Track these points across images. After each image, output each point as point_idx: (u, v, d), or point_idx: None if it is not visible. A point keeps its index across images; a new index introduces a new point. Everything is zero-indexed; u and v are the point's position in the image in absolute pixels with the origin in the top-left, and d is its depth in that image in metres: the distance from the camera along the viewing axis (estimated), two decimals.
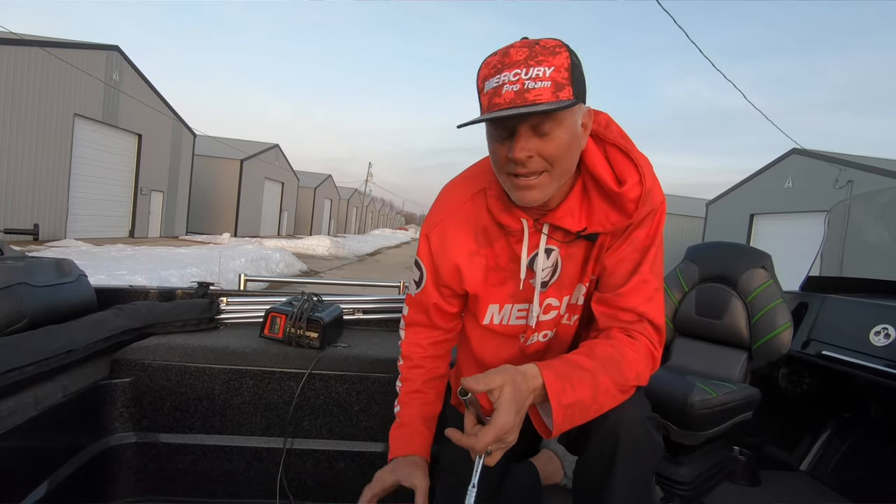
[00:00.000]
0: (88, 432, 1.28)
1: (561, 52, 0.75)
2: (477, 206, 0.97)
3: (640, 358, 0.86)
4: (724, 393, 1.34)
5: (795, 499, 1.68)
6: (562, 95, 0.74)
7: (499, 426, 0.72)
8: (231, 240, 18.67)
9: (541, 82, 0.73)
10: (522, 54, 0.74)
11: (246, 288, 1.85)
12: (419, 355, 1.08)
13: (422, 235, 1.03)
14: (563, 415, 0.77)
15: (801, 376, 1.94)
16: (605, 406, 0.82)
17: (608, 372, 0.82)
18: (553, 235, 0.93)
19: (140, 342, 1.40)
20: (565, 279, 0.96)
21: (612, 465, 0.84)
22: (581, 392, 0.79)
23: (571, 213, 0.90)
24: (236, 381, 1.40)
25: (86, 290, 1.43)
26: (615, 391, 0.82)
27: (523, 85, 0.73)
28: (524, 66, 0.74)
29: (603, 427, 0.85)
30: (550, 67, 0.74)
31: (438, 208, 1.02)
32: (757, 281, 1.60)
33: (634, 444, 0.84)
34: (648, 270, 0.90)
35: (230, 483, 1.40)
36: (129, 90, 16.01)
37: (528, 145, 0.78)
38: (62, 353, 1.15)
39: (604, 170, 0.87)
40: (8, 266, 1.19)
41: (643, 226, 0.90)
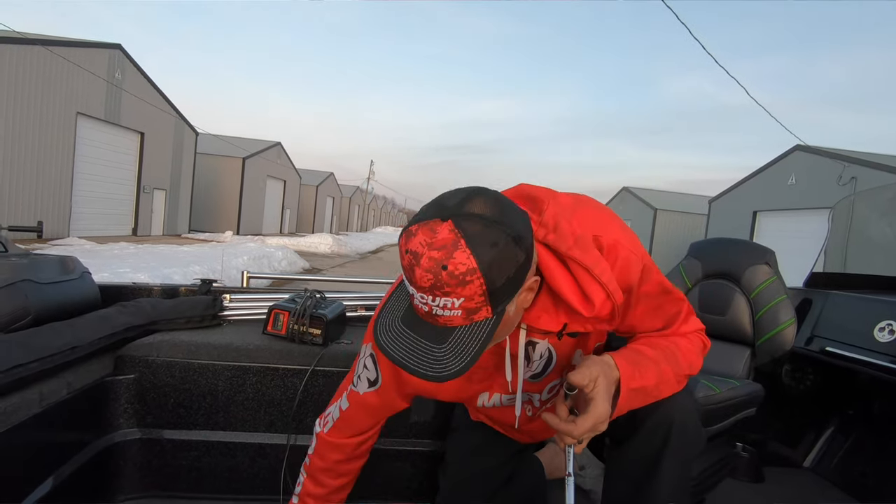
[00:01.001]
0: (93, 429, 1.29)
1: (472, 282, 0.63)
2: None
3: (693, 348, 0.88)
4: (728, 389, 1.33)
5: (799, 495, 1.68)
6: (476, 317, 0.67)
7: (597, 415, 0.75)
8: (233, 238, 18.71)
9: (449, 311, 0.65)
10: (427, 281, 0.63)
11: (249, 285, 1.85)
12: (334, 459, 1.04)
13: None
14: (626, 399, 0.79)
15: (804, 373, 1.94)
16: (663, 393, 0.84)
17: (668, 361, 0.84)
18: (534, 332, 0.87)
19: (144, 339, 1.41)
20: (563, 361, 0.93)
21: (662, 449, 0.85)
22: (647, 379, 0.81)
23: (546, 311, 0.81)
24: (240, 378, 1.40)
25: (90, 287, 1.43)
26: (674, 380, 0.85)
27: (432, 310, 0.66)
28: (430, 293, 0.65)
29: (656, 413, 0.86)
30: (459, 299, 0.64)
31: None
32: (760, 277, 1.59)
33: (685, 432, 0.86)
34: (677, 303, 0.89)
35: (234, 479, 1.41)
36: (131, 88, 16.02)
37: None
38: (66, 349, 1.16)
39: (569, 290, 0.77)
40: (12, 263, 1.20)
41: (644, 282, 0.84)
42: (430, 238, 0.64)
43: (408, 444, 1.46)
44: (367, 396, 0.97)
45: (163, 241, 15.12)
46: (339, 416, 1.02)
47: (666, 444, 0.85)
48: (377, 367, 0.96)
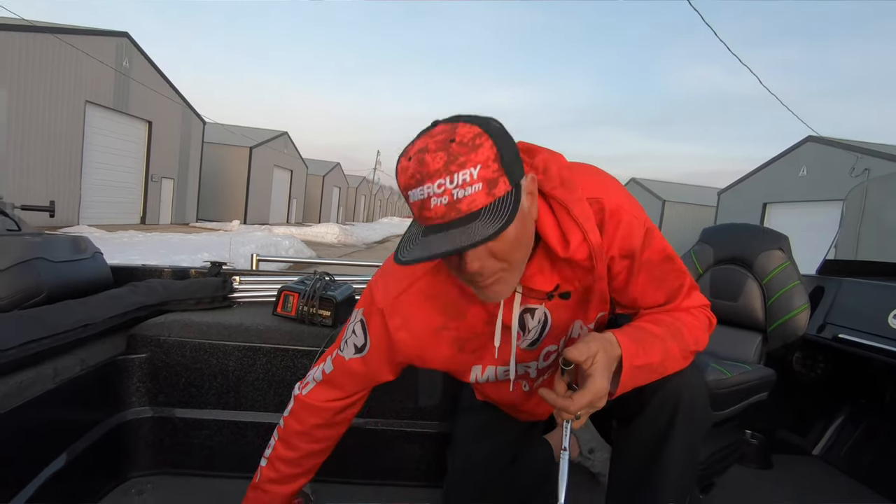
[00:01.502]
0: (106, 406, 1.30)
1: (483, 144, 0.64)
2: (438, 278, 0.86)
3: (698, 324, 0.87)
4: (739, 373, 1.32)
5: (807, 483, 1.68)
6: (497, 192, 0.65)
7: (594, 391, 0.74)
8: (241, 227, 18.80)
9: (470, 187, 0.64)
10: (440, 160, 0.63)
11: (258, 268, 1.86)
12: (312, 423, 1.00)
13: (374, 310, 0.90)
14: (630, 375, 0.78)
15: (815, 360, 1.92)
16: (668, 370, 0.83)
17: (674, 338, 0.83)
18: (530, 295, 0.86)
19: (155, 319, 1.42)
20: (559, 327, 0.91)
21: (671, 426, 0.84)
22: (652, 356, 0.80)
23: (541, 271, 0.82)
24: (250, 358, 1.41)
25: (101, 267, 1.44)
26: (679, 357, 0.84)
27: (452, 195, 0.64)
28: (445, 173, 0.63)
29: (664, 389, 0.85)
30: (476, 166, 0.63)
31: (393, 281, 0.89)
32: (774, 262, 1.58)
33: (693, 409, 0.85)
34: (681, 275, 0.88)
35: (245, 458, 1.42)
36: (138, 77, 16.05)
37: (477, 254, 0.69)
38: (79, 327, 1.17)
39: (551, 230, 0.78)
40: (26, 241, 1.21)
41: (647, 248, 0.83)
42: (428, 134, 0.67)
43: (416, 425, 1.46)
44: (353, 362, 0.95)
45: (171, 230, 15.23)
46: (321, 378, 0.99)
47: (673, 422, 0.83)
48: (366, 333, 0.92)
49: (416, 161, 0.65)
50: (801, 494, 1.59)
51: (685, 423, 0.84)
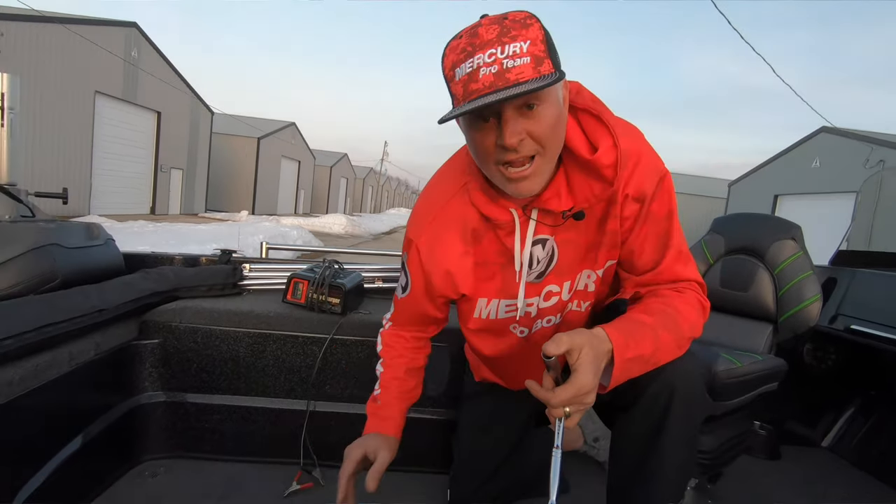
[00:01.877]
0: (120, 390, 1.33)
1: (533, 24, 0.70)
2: (461, 204, 0.92)
3: (691, 310, 0.86)
4: (750, 363, 1.32)
5: (816, 473, 1.67)
6: (543, 70, 0.69)
7: (577, 385, 0.72)
8: (249, 217, 18.90)
9: (520, 59, 0.68)
10: (493, 32, 0.69)
11: (267, 256, 1.87)
12: (402, 346, 1.09)
13: (407, 241, 0.99)
14: (622, 369, 0.77)
15: (826, 352, 1.91)
16: (661, 360, 0.82)
17: (666, 327, 0.81)
18: (544, 221, 0.89)
19: (167, 305, 1.43)
20: (564, 265, 0.93)
21: (665, 417, 0.83)
22: (643, 347, 0.78)
23: (558, 194, 0.85)
24: (260, 345, 1.43)
25: (114, 253, 1.46)
26: (673, 346, 0.82)
27: (502, 65, 0.68)
28: (498, 44, 0.68)
29: (658, 380, 0.84)
30: (526, 41, 0.69)
31: (422, 212, 0.97)
32: (786, 252, 1.56)
33: (689, 398, 0.84)
34: (678, 238, 0.88)
35: (255, 443, 1.44)
36: (147, 67, 16.08)
37: (517, 128, 0.73)
38: (94, 312, 1.18)
39: (578, 139, 0.83)
40: (41, 227, 1.22)
41: (656, 199, 0.87)
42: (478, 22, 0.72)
43: (423, 412, 1.47)
44: (404, 301, 1.04)
45: (180, 220, 15.34)
46: (389, 318, 1.12)
47: (668, 413, 0.83)
48: (406, 270, 1.01)
49: (469, 35, 0.71)
50: (809, 485, 1.59)
51: (680, 414, 0.83)
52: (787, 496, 1.52)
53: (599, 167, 0.81)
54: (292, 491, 1.30)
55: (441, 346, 1.41)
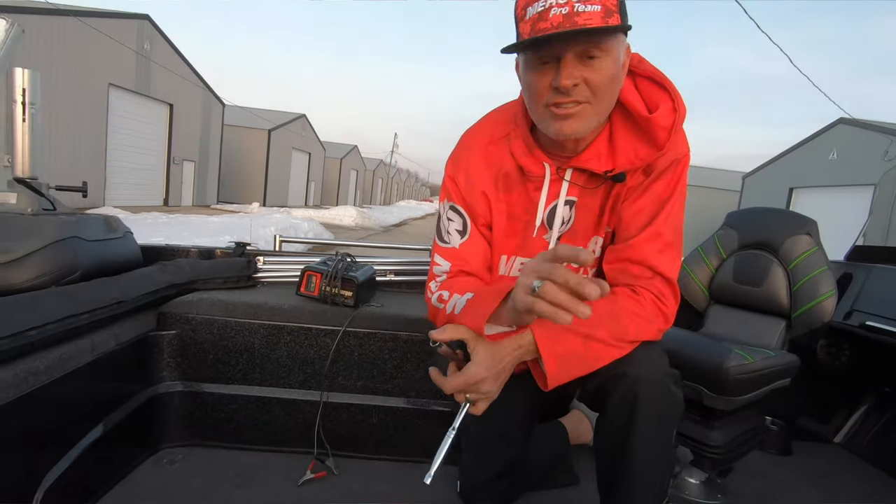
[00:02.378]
0: (139, 380, 1.36)
1: None
2: (500, 150, 0.94)
3: (641, 313, 0.84)
4: (762, 359, 1.31)
5: (827, 469, 1.67)
6: (611, 21, 0.72)
7: (467, 374, 0.75)
8: (260, 209, 19.03)
9: (591, 5, 0.71)
10: None
11: (280, 249, 1.89)
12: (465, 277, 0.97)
13: (447, 178, 0.98)
14: (556, 365, 0.79)
15: (840, 348, 1.89)
16: (603, 357, 0.82)
17: (604, 324, 0.81)
18: (575, 181, 0.90)
19: (184, 297, 1.46)
20: (579, 230, 0.94)
21: (631, 423, 0.84)
22: (573, 343, 0.79)
23: (598, 155, 0.87)
24: (275, 336, 1.45)
25: (132, 246, 1.49)
26: (613, 342, 0.82)
27: (573, 7, 0.71)
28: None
29: (621, 385, 0.84)
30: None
31: (464, 149, 0.98)
32: (801, 248, 1.54)
33: (654, 402, 0.84)
34: (663, 223, 0.87)
35: (270, 432, 1.47)
36: (159, 59, 16.19)
37: (574, 72, 0.75)
38: (113, 303, 1.21)
39: (633, 98, 0.84)
40: (62, 220, 1.25)
41: (664, 177, 0.88)
42: None
43: (433, 404, 1.49)
44: (465, 245, 0.96)
45: (193, 212, 15.50)
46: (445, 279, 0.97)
47: (633, 419, 0.83)
48: (455, 207, 0.96)
49: None
50: (820, 481, 1.58)
51: (646, 417, 0.83)
52: (798, 492, 1.52)
53: (655, 127, 0.82)
54: (306, 480, 1.32)
55: None
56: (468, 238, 0.96)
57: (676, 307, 0.90)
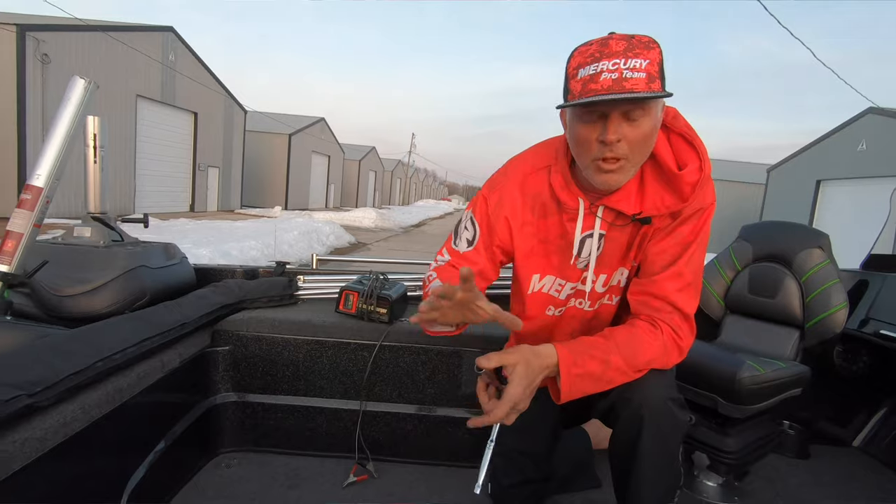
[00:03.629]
0: (198, 392, 1.51)
1: (654, 48, 0.83)
2: (539, 180, 1.04)
3: (656, 344, 0.94)
4: (773, 370, 1.39)
5: (844, 472, 1.72)
6: (654, 87, 0.82)
7: (510, 398, 0.86)
8: (283, 213, 19.43)
9: (637, 73, 0.81)
10: (621, 46, 0.82)
11: (317, 266, 2.03)
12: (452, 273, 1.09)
13: (480, 196, 1.09)
14: (569, 382, 0.90)
15: (857, 355, 1.94)
16: (615, 381, 0.93)
17: (621, 352, 0.92)
18: (605, 218, 1.00)
19: (234, 316, 1.60)
20: (606, 259, 1.04)
21: (637, 442, 0.94)
22: (591, 366, 0.90)
23: (628, 196, 0.96)
24: (317, 351, 1.58)
25: (188, 270, 1.64)
26: (626, 369, 0.92)
27: (622, 74, 0.81)
28: (623, 56, 0.81)
29: (628, 409, 0.95)
30: (646, 60, 0.82)
31: (502, 175, 1.09)
32: (813, 261, 1.61)
33: (658, 423, 0.94)
34: (685, 265, 0.97)
35: (314, 438, 1.60)
36: (184, 70, 16.67)
37: (619, 129, 0.85)
38: (178, 325, 1.36)
39: (666, 153, 0.94)
40: (130, 251, 1.40)
41: (689, 222, 0.96)
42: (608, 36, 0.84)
43: (462, 411, 1.60)
44: (467, 254, 1.09)
45: (218, 217, 15.94)
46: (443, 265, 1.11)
47: (639, 437, 0.94)
48: (474, 222, 1.09)
49: (599, 44, 0.83)
50: (837, 484, 1.64)
51: (651, 436, 0.93)
52: (814, 494, 1.58)
53: (682, 183, 0.92)
54: (350, 483, 1.45)
55: (474, 351, 1.54)
56: (472, 249, 1.09)
57: (692, 341, 1.00)
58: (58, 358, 0.97)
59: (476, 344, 1.55)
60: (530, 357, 0.89)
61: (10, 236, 1.14)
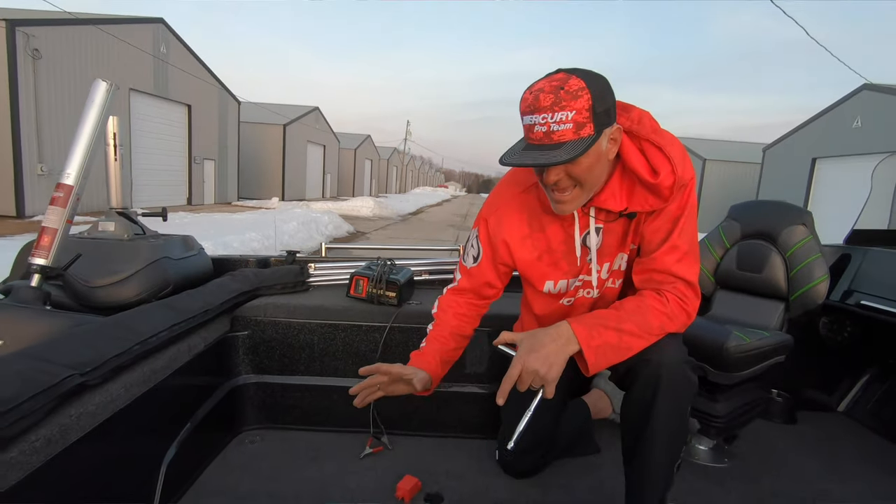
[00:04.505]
0: (222, 374, 1.60)
1: (582, 95, 0.89)
2: (530, 198, 1.16)
3: (664, 310, 1.04)
4: (758, 339, 1.49)
5: (829, 435, 1.84)
6: (583, 133, 0.90)
7: (517, 361, 0.98)
8: (280, 204, 19.44)
9: (564, 125, 0.90)
10: (548, 101, 0.90)
11: (326, 254, 2.12)
12: (454, 312, 1.27)
13: (480, 219, 1.22)
14: (594, 354, 1.00)
15: (841, 325, 2.04)
16: (633, 347, 1.02)
17: (632, 319, 1.02)
18: (597, 216, 1.10)
19: (252, 302, 1.69)
20: (606, 249, 1.14)
21: (653, 400, 1.04)
22: (607, 335, 1.00)
23: (613, 195, 1.06)
24: (330, 334, 1.68)
25: (205, 260, 1.73)
26: (641, 333, 1.02)
27: (549, 127, 0.90)
28: (550, 111, 0.90)
29: (647, 369, 1.04)
30: (572, 111, 0.89)
31: (496, 197, 1.21)
32: (797, 237, 1.70)
33: (672, 383, 1.03)
34: (678, 237, 1.06)
35: (330, 415, 1.71)
36: (176, 62, 16.53)
37: (555, 171, 0.96)
38: (202, 311, 1.45)
39: (640, 164, 1.02)
40: (153, 244, 1.49)
41: (674, 200, 1.05)
42: (549, 78, 0.93)
43: (471, 387, 1.71)
44: (473, 269, 1.24)
45: (216, 210, 15.96)
46: (455, 286, 1.30)
47: (655, 396, 1.03)
48: (478, 241, 1.22)
49: (533, 97, 0.92)
50: (821, 446, 1.75)
51: (665, 396, 1.03)
52: (801, 456, 1.69)
53: (660, 188, 1.02)
54: (366, 454, 1.56)
55: (484, 331, 1.64)
56: (476, 266, 1.23)
57: (698, 304, 1.10)
58: (101, 342, 1.07)
59: (485, 324, 1.64)
60: (538, 333, 1.01)
61: (46, 232, 1.23)
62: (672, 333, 1.06)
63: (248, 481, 1.40)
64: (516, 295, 1.42)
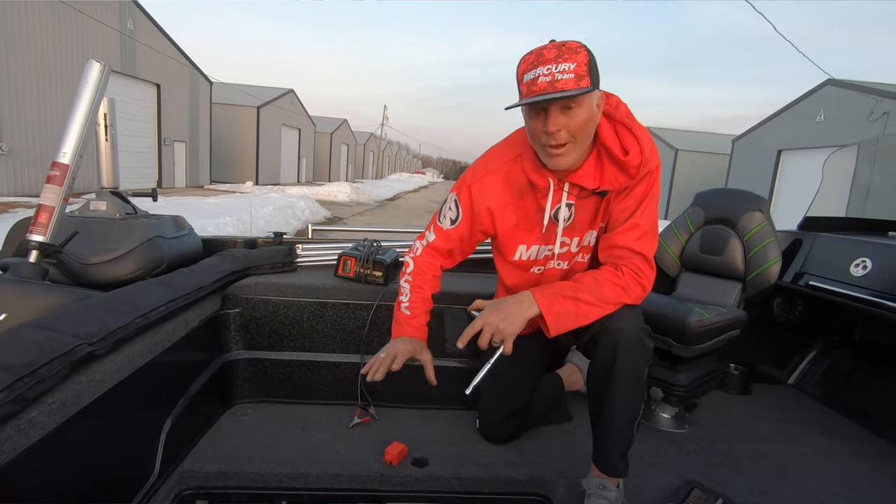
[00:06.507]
0: (214, 349, 1.66)
1: (581, 52, 1.01)
2: (515, 168, 1.25)
3: (619, 282, 1.16)
4: (716, 315, 1.63)
5: (780, 405, 2.01)
6: (582, 84, 1.00)
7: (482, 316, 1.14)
8: (254, 188, 19.09)
9: (566, 74, 1.00)
10: (552, 54, 1.01)
11: (313, 236, 2.17)
12: (431, 273, 1.36)
13: (465, 184, 1.29)
14: (553, 320, 1.13)
15: (793, 304, 2.22)
16: (590, 314, 1.14)
17: (589, 291, 1.14)
18: (571, 192, 1.21)
19: (242, 281, 1.75)
20: (577, 225, 1.26)
21: (613, 362, 1.17)
22: (566, 304, 1.13)
23: (588, 174, 1.17)
24: (319, 311, 1.75)
25: (196, 240, 1.77)
26: (597, 303, 1.14)
27: (554, 77, 1.00)
28: (554, 62, 1.00)
29: (607, 335, 1.17)
30: (573, 63, 1.00)
31: (483, 165, 1.29)
32: (754, 222, 1.85)
33: (630, 348, 1.16)
34: (640, 216, 1.18)
35: (319, 389, 1.79)
36: (143, 38, 15.92)
37: (557, 121, 1.05)
38: (196, 289, 1.50)
39: (613, 142, 1.14)
40: (146, 223, 1.53)
41: (641, 184, 1.18)
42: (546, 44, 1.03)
43: (453, 361, 1.81)
44: (450, 231, 1.32)
45: (188, 193, 15.57)
46: (427, 245, 1.37)
47: (615, 359, 1.16)
48: (458, 206, 1.30)
49: (536, 54, 1.03)
50: (770, 414, 1.93)
51: (625, 359, 1.16)
52: (754, 422, 1.86)
53: (629, 166, 1.14)
54: (355, 424, 1.65)
55: (462, 308, 1.73)
56: (453, 228, 1.32)
57: (653, 278, 1.21)
58: (106, 314, 1.12)
59: (464, 302, 1.75)
60: (503, 298, 1.16)
61: (44, 209, 1.26)
62: (630, 305, 1.18)
63: (244, 448, 1.47)
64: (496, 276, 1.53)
